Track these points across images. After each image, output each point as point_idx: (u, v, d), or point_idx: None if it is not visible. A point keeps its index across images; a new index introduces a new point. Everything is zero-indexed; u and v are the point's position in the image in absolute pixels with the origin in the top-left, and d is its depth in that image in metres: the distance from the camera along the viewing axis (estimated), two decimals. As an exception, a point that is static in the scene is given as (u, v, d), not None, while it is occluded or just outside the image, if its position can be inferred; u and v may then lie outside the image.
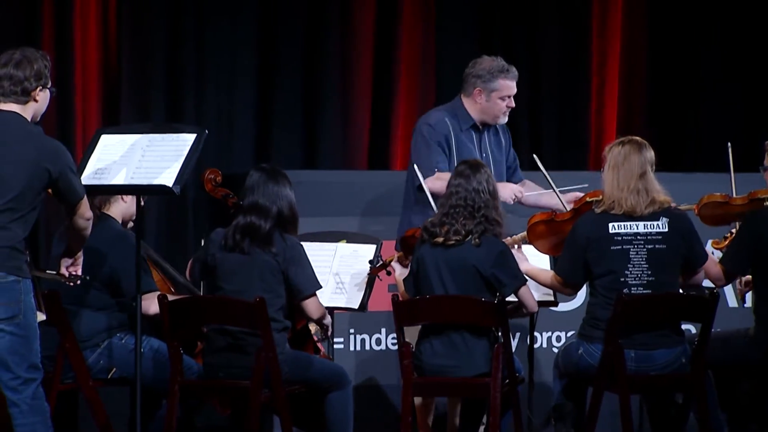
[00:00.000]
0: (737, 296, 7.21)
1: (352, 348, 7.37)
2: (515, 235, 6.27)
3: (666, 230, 5.92)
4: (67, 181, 5.17)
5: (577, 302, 7.29)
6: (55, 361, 5.83)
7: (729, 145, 6.51)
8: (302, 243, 5.95)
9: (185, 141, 5.63)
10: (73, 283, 5.49)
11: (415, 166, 6.57)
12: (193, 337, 6.14)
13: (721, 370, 6.17)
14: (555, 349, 7.40)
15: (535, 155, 6.41)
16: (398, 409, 6.26)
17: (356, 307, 6.29)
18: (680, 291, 6.09)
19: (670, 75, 9.39)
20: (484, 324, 5.87)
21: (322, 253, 6.33)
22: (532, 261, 6.28)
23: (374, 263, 6.23)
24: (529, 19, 9.13)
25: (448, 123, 6.81)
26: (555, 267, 6.27)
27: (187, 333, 6.04)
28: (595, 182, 6.13)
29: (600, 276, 5.93)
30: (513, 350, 6.10)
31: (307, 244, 6.02)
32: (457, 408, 6.32)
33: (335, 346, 6.79)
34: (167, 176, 5.54)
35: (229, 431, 6.38)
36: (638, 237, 5.90)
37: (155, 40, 8.20)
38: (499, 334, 5.87)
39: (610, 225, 5.91)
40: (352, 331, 7.37)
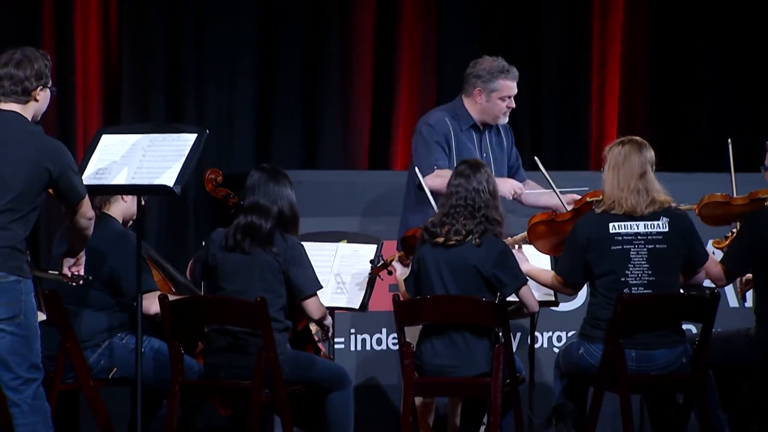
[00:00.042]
0: (738, 295, 7.21)
1: (352, 348, 7.37)
2: (516, 236, 6.27)
3: (666, 230, 5.91)
4: (68, 180, 5.16)
5: (577, 302, 7.28)
6: (55, 361, 5.82)
7: (729, 141, 6.51)
8: (303, 243, 5.95)
9: (186, 141, 5.63)
10: (75, 284, 5.48)
11: (416, 167, 6.57)
12: (193, 337, 6.14)
13: (722, 370, 6.17)
14: (556, 349, 7.39)
15: (536, 157, 6.41)
16: (399, 409, 6.26)
17: (357, 307, 6.28)
18: (681, 291, 6.09)
19: (671, 75, 9.39)
20: (484, 324, 5.87)
21: (322, 253, 6.32)
22: (532, 261, 6.27)
23: (375, 263, 6.23)
24: (529, 19, 9.12)
25: (448, 123, 6.80)
26: (555, 267, 6.27)
27: (188, 333, 6.03)
28: (596, 182, 6.13)
29: (600, 276, 5.93)
30: (514, 350, 6.11)
31: (307, 244, 6.02)
32: (457, 408, 6.32)
33: (336, 346, 6.79)
34: (168, 176, 5.54)
35: (229, 431, 6.38)
36: (638, 237, 5.90)
37: (156, 40, 8.19)
38: (500, 334, 5.87)
39: (610, 225, 5.91)
40: (352, 331, 7.36)
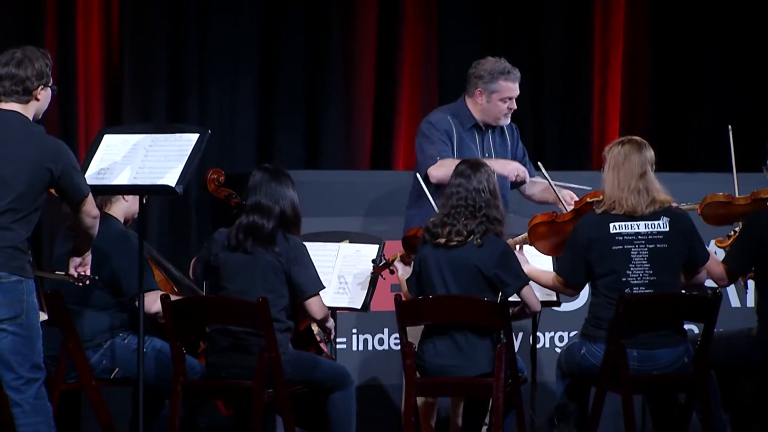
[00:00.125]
0: (740, 281, 7.16)
1: (354, 348, 7.37)
2: (517, 237, 6.27)
3: (667, 230, 5.91)
4: (70, 180, 5.16)
5: (579, 302, 7.28)
6: (57, 361, 5.82)
7: (729, 128, 6.50)
8: (305, 243, 5.95)
9: (188, 141, 5.63)
10: (82, 284, 5.48)
11: (417, 176, 6.55)
12: (195, 337, 6.14)
13: (724, 369, 6.17)
14: (558, 349, 7.39)
15: (540, 163, 6.41)
16: (401, 409, 6.26)
17: (359, 307, 6.28)
18: (683, 291, 6.09)
19: (673, 75, 9.39)
20: (486, 324, 5.86)
21: (324, 253, 6.32)
22: (533, 262, 6.27)
23: (377, 263, 6.23)
24: (531, 20, 9.13)
25: (450, 121, 6.79)
26: (556, 268, 6.27)
27: (190, 333, 6.04)
28: (598, 182, 6.13)
29: (602, 276, 5.93)
30: (516, 350, 6.10)
31: (309, 245, 6.01)
32: (459, 408, 6.32)
33: (338, 346, 6.78)
34: (170, 176, 5.54)
35: (231, 431, 6.38)
36: (639, 237, 5.90)
37: (158, 39, 8.20)
38: (502, 334, 5.87)
39: (611, 225, 5.90)
40: (354, 331, 7.36)
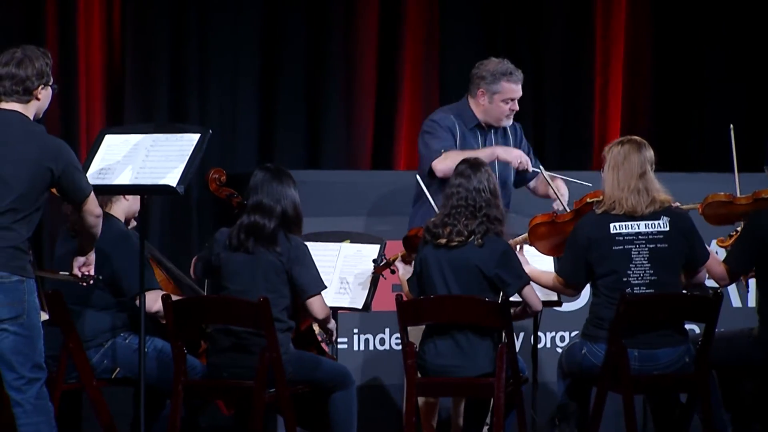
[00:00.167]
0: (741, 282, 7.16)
1: (356, 348, 7.37)
2: (517, 237, 6.26)
3: (667, 229, 5.91)
4: (71, 179, 5.16)
5: (580, 302, 7.28)
6: (58, 361, 5.82)
7: (731, 127, 6.50)
8: (306, 243, 5.95)
9: (189, 141, 5.63)
10: (86, 284, 5.48)
11: (418, 177, 6.55)
12: (196, 336, 6.14)
13: (725, 369, 6.17)
14: (559, 349, 7.39)
15: (542, 167, 6.40)
16: (402, 409, 6.26)
17: (360, 307, 6.28)
18: (684, 290, 6.09)
19: (674, 75, 9.39)
20: (487, 324, 5.86)
21: (325, 253, 6.32)
22: (534, 262, 6.27)
23: (378, 262, 6.23)
24: (532, 20, 9.13)
25: (453, 120, 6.78)
26: (557, 268, 6.26)
27: (191, 333, 6.04)
28: (599, 182, 6.13)
29: (602, 276, 5.93)
30: (517, 350, 6.10)
31: (311, 244, 6.01)
32: (460, 408, 6.32)
33: (339, 346, 6.77)
34: (171, 176, 5.54)
35: (233, 431, 6.38)
36: (640, 237, 5.89)
37: (159, 39, 8.20)
38: (503, 334, 5.87)
39: (611, 225, 5.90)
40: (355, 331, 7.36)
